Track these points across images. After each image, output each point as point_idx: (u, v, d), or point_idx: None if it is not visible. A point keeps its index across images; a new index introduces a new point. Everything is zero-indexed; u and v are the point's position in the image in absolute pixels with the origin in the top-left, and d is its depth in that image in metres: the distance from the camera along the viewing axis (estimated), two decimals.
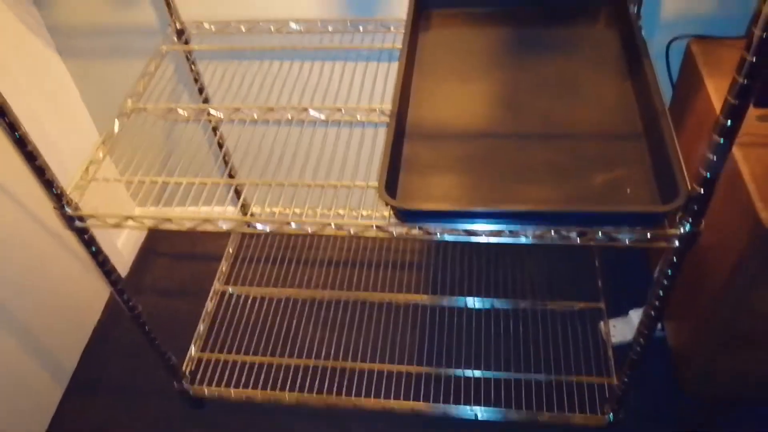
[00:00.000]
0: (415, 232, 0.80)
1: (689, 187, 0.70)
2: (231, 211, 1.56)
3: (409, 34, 0.98)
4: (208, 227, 0.86)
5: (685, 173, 0.71)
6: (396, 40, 1.12)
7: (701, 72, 0.99)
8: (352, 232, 0.82)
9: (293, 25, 1.15)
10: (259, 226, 0.86)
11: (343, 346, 1.34)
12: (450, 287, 1.42)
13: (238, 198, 1.46)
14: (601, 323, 1.31)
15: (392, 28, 1.13)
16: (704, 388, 1.12)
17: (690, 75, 1.04)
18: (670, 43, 1.09)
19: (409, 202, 0.78)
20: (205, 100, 1.25)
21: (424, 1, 1.07)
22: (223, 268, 1.49)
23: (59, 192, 0.85)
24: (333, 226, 0.83)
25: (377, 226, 0.81)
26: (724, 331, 0.97)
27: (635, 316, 1.30)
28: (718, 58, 1.01)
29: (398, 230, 0.80)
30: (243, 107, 1.01)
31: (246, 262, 1.51)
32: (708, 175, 0.68)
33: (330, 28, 1.15)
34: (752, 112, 0.90)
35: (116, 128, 0.99)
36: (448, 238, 0.79)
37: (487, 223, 0.76)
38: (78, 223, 0.89)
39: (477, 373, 1.26)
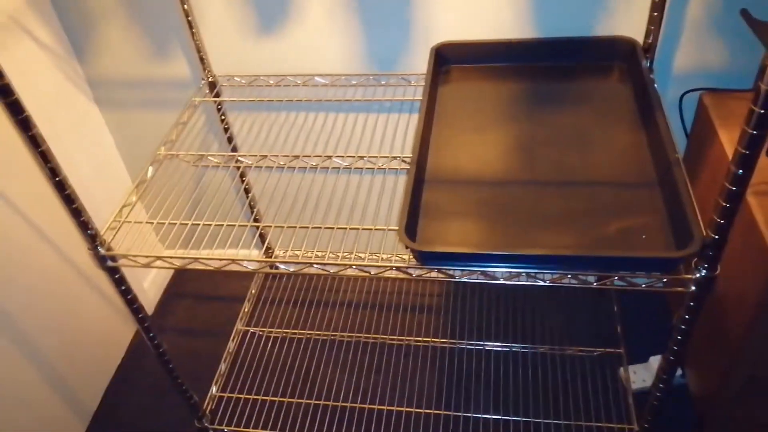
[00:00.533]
0: (434, 274, 0.82)
1: (704, 233, 0.73)
2: (255, 254, 1.60)
3: (429, 87, 1.03)
4: (234, 267, 0.89)
5: (700, 220, 0.74)
6: (416, 92, 1.17)
7: (714, 124, 1.02)
8: (372, 273, 0.85)
9: (319, 79, 1.21)
10: (282, 267, 0.89)
11: (362, 388, 1.35)
12: (468, 331, 1.43)
13: (263, 242, 1.52)
14: (621, 369, 1.31)
15: (413, 82, 1.18)
16: None
17: (703, 126, 1.07)
18: (683, 95, 1.13)
19: (428, 245, 0.80)
20: (234, 149, 1.30)
21: (444, 56, 1.13)
22: (246, 309, 1.52)
23: (93, 233, 0.89)
24: (354, 267, 0.86)
25: (397, 268, 0.83)
26: (746, 379, 0.96)
27: (656, 362, 1.30)
28: (730, 109, 1.04)
29: (417, 272, 0.83)
30: (270, 155, 1.05)
31: (268, 304, 1.54)
32: (722, 221, 0.70)
33: (354, 82, 1.20)
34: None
35: (149, 174, 1.04)
36: (466, 280, 0.81)
37: (504, 266, 0.79)
38: (110, 263, 0.93)
39: (496, 418, 1.26)
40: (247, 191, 1.42)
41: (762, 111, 0.61)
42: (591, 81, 1.08)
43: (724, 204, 0.69)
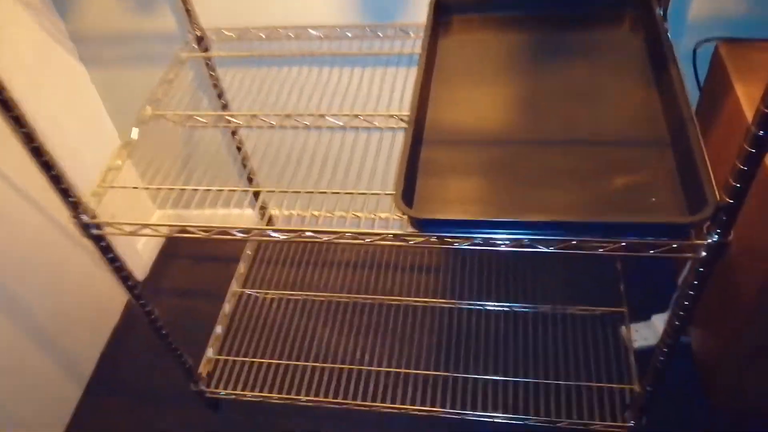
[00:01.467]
0: (432, 240, 0.79)
1: (717, 198, 0.69)
2: (249, 213, 1.56)
3: (429, 39, 0.97)
4: (225, 236, 0.86)
5: (714, 183, 0.69)
6: (415, 45, 1.11)
7: (730, 76, 0.96)
8: (367, 240, 0.82)
9: (312, 32, 1.15)
10: (274, 235, 0.85)
11: (359, 349, 1.34)
12: (468, 291, 1.40)
13: (257, 200, 1.47)
14: (623, 328, 1.29)
15: (412, 34, 1.12)
16: (732, 400, 1.10)
17: (718, 79, 1.01)
18: (697, 46, 1.07)
19: (426, 211, 0.76)
20: (225, 106, 1.24)
21: (445, 6, 1.06)
22: (241, 270, 1.49)
23: (75, 200, 0.85)
24: (349, 234, 0.82)
25: (394, 235, 0.80)
26: (755, 344, 0.94)
27: (658, 320, 1.28)
28: (748, 61, 0.98)
29: (415, 239, 0.79)
30: (260, 114, 1.00)
31: (264, 265, 1.51)
32: (738, 185, 0.66)
33: (349, 34, 1.14)
34: None
35: (135, 135, 0.99)
36: (465, 247, 0.78)
37: (506, 233, 0.75)
38: (94, 231, 0.89)
39: (495, 378, 1.24)
40: (239, 149, 1.37)
41: None
42: (600, 31, 1.01)
43: (742, 167, 0.65)
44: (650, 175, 0.78)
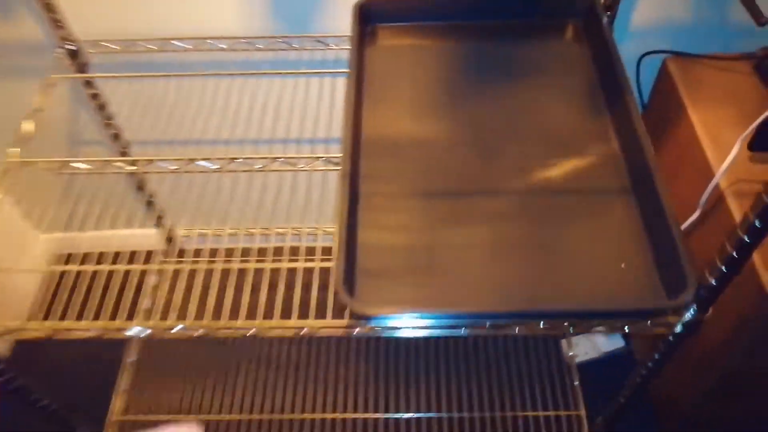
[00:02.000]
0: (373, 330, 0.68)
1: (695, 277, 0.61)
2: (152, 233, 1.37)
3: (356, 61, 0.83)
4: (116, 335, 0.70)
5: (690, 261, 0.62)
6: (337, 57, 0.97)
7: (682, 97, 0.89)
8: (303, 332, 0.70)
9: (214, 43, 0.97)
10: (179, 327, 0.71)
11: None
12: (415, 402, 1.20)
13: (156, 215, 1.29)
14: (563, 342, 1.25)
15: (332, 45, 0.97)
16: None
17: (667, 97, 0.94)
18: (641, 57, 0.99)
19: (369, 305, 0.64)
20: (114, 131, 1.05)
21: (369, 14, 0.91)
22: (146, 305, 1.30)
23: None
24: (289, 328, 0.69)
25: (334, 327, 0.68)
26: (716, 383, 0.91)
27: (598, 333, 1.25)
28: (698, 80, 0.91)
29: (357, 330, 0.68)
30: (156, 159, 0.83)
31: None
32: (725, 269, 0.59)
33: (259, 45, 0.97)
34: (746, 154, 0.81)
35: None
36: (411, 336, 0.67)
37: (455, 321, 0.66)
38: None
39: (428, 416, 1.16)
40: (137, 183, 1.17)
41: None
42: (543, 42, 0.91)
43: (732, 253, 0.57)
44: (615, 235, 0.69)
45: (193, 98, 0.96)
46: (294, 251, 0.90)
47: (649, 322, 0.66)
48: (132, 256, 0.86)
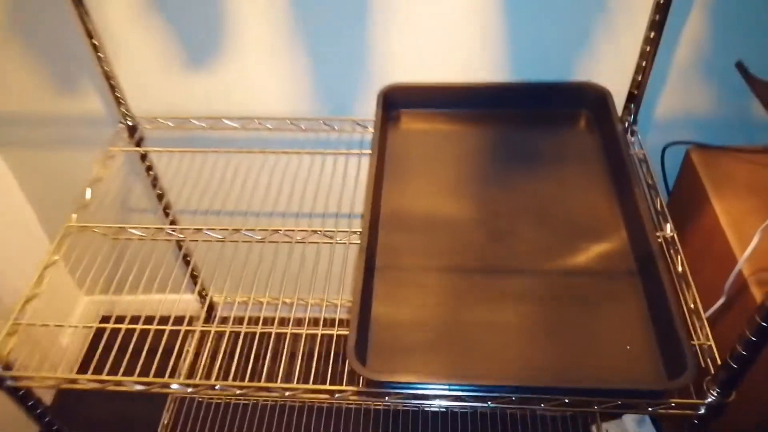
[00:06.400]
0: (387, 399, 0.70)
1: (699, 356, 0.64)
2: (188, 299, 1.42)
3: (378, 144, 0.90)
4: (160, 390, 0.74)
5: (688, 337, 0.64)
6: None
7: (705, 188, 0.92)
8: (323, 397, 0.72)
9: (261, 123, 1.05)
10: (218, 388, 0.74)
11: None
12: None
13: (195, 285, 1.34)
14: (593, 428, 1.24)
15: (370, 128, 1.04)
16: None
17: (691, 186, 0.97)
18: (665, 147, 1.03)
19: (383, 372, 0.68)
20: (165, 203, 1.12)
21: (394, 101, 0.99)
22: (183, 370, 1.35)
23: None
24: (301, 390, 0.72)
25: (354, 392, 0.71)
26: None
27: (629, 420, 1.23)
28: (722, 171, 0.95)
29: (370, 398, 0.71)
30: (205, 228, 0.89)
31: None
32: (745, 353, 0.61)
33: (303, 126, 1.04)
34: None
35: (56, 257, 0.85)
36: (423, 403, 0.70)
37: (467, 392, 0.67)
38: (9, 383, 0.75)
39: None
40: (184, 252, 1.23)
41: None
42: (556, 132, 0.97)
43: (751, 337, 0.59)
44: (622, 318, 0.72)
45: (239, 173, 1.03)
46: (329, 322, 0.94)
47: (673, 403, 0.67)
48: (171, 321, 0.90)
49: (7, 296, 1.15)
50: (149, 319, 0.81)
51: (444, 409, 1.17)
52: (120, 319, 0.81)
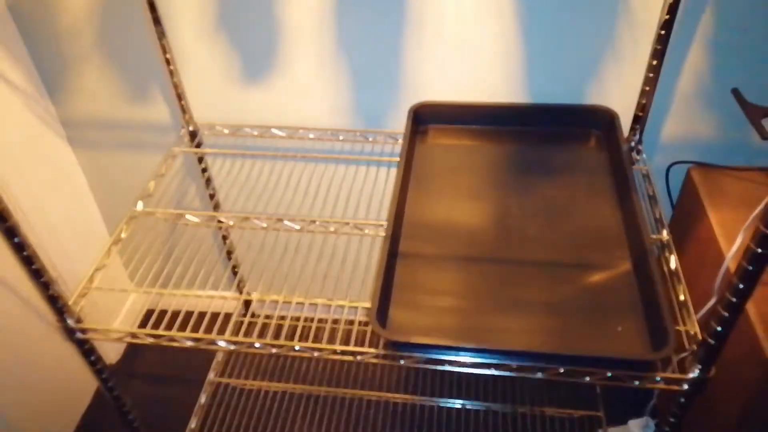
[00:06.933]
0: (414, 360, 0.80)
1: (682, 333, 0.72)
2: (229, 296, 1.54)
3: (406, 153, 1.02)
4: (206, 346, 0.85)
5: (672, 319, 0.72)
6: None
7: (703, 201, 1.01)
8: (347, 358, 0.82)
9: (305, 132, 1.18)
10: (258, 346, 0.85)
11: None
12: (447, 389, 1.40)
13: (238, 285, 1.46)
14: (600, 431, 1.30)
15: (400, 140, 1.16)
16: None
17: (691, 200, 1.06)
18: (670, 166, 1.12)
19: (400, 333, 0.78)
20: (213, 198, 1.26)
21: (423, 117, 1.12)
22: (219, 358, 1.47)
23: (62, 305, 0.84)
24: (328, 351, 0.82)
25: (375, 355, 0.81)
26: None
27: (634, 426, 1.29)
28: (718, 186, 1.04)
29: (388, 360, 0.81)
30: (252, 216, 1.01)
31: (243, 353, 1.49)
32: (720, 329, 0.69)
33: (341, 137, 1.17)
34: None
35: (124, 234, 0.99)
36: (432, 367, 0.79)
37: (474, 358, 0.76)
38: (79, 335, 0.88)
39: None
40: (227, 248, 1.37)
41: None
42: (568, 148, 1.07)
43: (724, 313, 0.68)
44: (616, 303, 0.81)
45: (283, 176, 1.16)
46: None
47: (658, 378, 0.75)
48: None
49: (70, 279, 1.29)
50: (189, 314, 0.91)
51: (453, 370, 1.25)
52: (164, 312, 0.91)
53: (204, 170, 1.24)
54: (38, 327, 1.28)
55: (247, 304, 1.52)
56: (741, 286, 0.64)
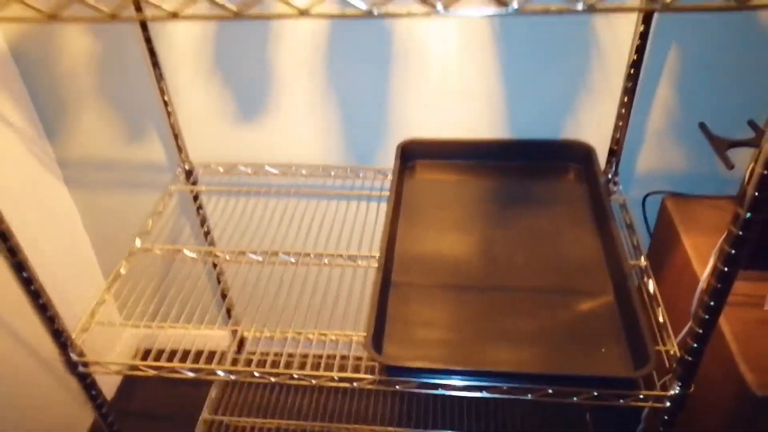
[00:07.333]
0: (400, 387, 0.83)
1: (662, 351, 0.76)
2: (222, 335, 1.56)
3: (396, 186, 1.06)
4: (207, 377, 0.88)
5: (669, 332, 0.77)
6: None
7: (678, 229, 1.07)
8: (343, 385, 0.85)
9: (297, 169, 1.23)
10: (257, 375, 0.88)
11: None
12: (441, 419, 1.41)
13: (230, 318, 1.49)
14: (587, 415, 1.32)
15: (389, 176, 1.21)
16: None
17: (667, 229, 1.12)
18: (645, 197, 1.18)
19: (395, 358, 0.81)
20: (210, 239, 1.29)
21: (410, 152, 1.17)
22: (213, 395, 1.47)
23: (65, 339, 0.87)
24: (325, 378, 0.85)
25: (366, 381, 0.84)
26: None
27: None
28: (691, 214, 1.09)
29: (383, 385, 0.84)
30: (248, 251, 1.05)
31: (236, 388, 1.50)
32: (695, 345, 0.74)
33: (332, 173, 1.22)
34: None
35: (123, 270, 1.02)
36: (430, 392, 0.82)
37: (465, 381, 0.80)
38: (81, 369, 0.90)
39: None
40: (222, 286, 1.39)
41: (732, 251, 0.66)
42: (548, 181, 1.12)
43: (698, 330, 0.72)
44: (599, 326, 0.85)
45: (277, 212, 1.20)
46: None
47: (641, 395, 0.79)
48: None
49: (63, 315, 1.30)
50: (186, 352, 0.92)
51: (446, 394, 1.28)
52: (160, 351, 0.92)
53: (199, 208, 1.28)
54: (30, 365, 1.28)
55: (242, 342, 1.55)
56: (712, 303, 0.69)
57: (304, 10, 0.56)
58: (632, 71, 1.02)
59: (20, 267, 0.77)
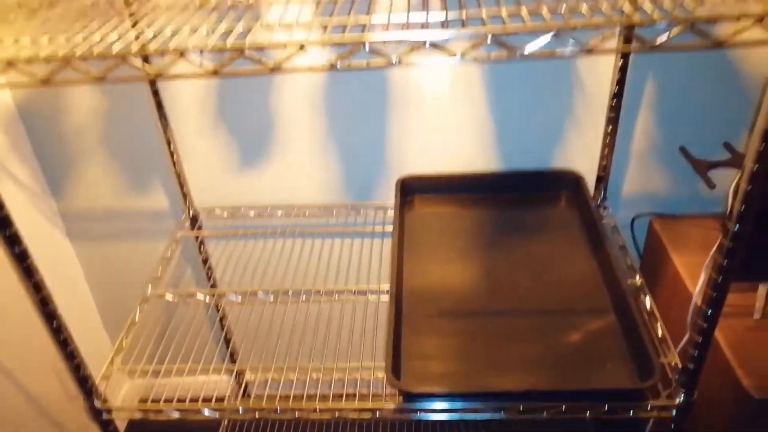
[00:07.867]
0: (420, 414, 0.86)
1: (665, 363, 0.81)
2: (224, 380, 1.57)
3: (398, 221, 1.11)
4: (231, 416, 0.90)
5: (667, 348, 0.81)
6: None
7: (667, 248, 1.13)
8: (363, 416, 0.88)
9: (300, 210, 1.27)
10: (279, 410, 0.90)
11: None
12: None
13: (239, 384, 1.50)
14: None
15: (389, 212, 1.26)
16: None
17: (656, 248, 1.18)
18: (634, 218, 1.25)
19: (416, 384, 0.85)
20: (213, 283, 1.32)
21: (410, 187, 1.22)
22: None
23: (90, 386, 0.89)
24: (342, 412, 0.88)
25: (385, 410, 0.87)
26: None
27: None
28: (679, 234, 1.16)
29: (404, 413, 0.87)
30: (259, 290, 1.08)
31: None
32: (696, 353, 0.78)
33: (334, 212, 1.27)
34: None
35: (137, 316, 1.04)
36: (450, 416, 0.86)
37: (481, 404, 0.83)
38: (105, 416, 0.91)
39: None
40: (226, 330, 1.41)
41: (725, 261, 0.71)
42: (541, 209, 1.18)
43: (697, 338, 0.77)
44: (603, 344, 0.90)
45: (282, 253, 1.24)
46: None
47: (649, 406, 0.83)
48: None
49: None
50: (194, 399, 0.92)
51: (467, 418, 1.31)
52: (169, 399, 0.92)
53: (204, 252, 1.31)
54: (36, 420, 1.29)
55: (248, 385, 1.55)
56: (709, 312, 0.74)
57: (274, 66, 0.61)
58: (614, 102, 1.09)
59: (51, 317, 0.79)
